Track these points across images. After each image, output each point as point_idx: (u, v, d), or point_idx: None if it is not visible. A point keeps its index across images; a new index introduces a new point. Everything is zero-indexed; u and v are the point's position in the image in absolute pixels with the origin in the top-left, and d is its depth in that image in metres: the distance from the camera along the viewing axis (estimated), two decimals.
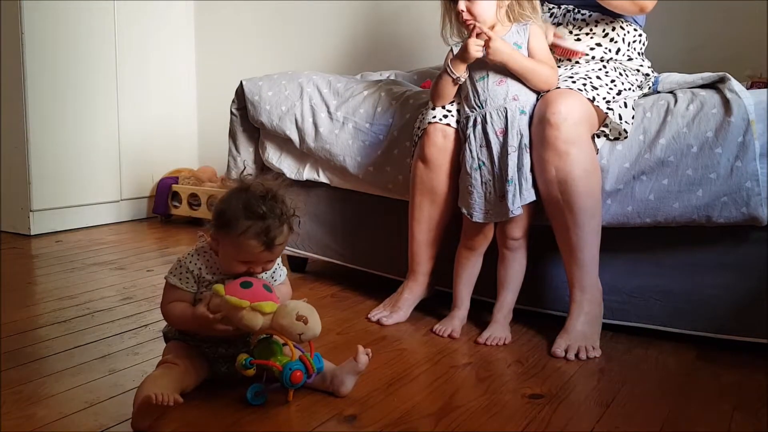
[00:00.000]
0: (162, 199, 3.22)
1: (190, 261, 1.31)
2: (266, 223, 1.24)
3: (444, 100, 1.69)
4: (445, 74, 1.64)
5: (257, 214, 1.24)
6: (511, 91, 1.61)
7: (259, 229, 1.23)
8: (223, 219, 1.26)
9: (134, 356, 1.50)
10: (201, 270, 1.31)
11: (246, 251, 1.25)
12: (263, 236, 1.24)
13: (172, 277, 1.31)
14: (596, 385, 1.38)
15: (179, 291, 1.30)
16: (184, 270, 1.31)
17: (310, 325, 1.20)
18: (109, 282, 2.14)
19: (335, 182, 2.11)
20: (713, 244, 1.58)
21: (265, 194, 1.26)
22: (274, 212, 1.25)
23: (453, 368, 1.47)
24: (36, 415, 1.20)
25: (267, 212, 1.24)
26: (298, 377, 1.22)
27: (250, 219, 1.23)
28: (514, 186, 1.57)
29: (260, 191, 1.27)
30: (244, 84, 2.19)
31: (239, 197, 1.26)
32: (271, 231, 1.24)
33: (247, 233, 1.23)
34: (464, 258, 1.73)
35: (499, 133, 1.60)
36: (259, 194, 1.26)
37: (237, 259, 1.27)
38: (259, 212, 1.24)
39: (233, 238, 1.25)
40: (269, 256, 1.28)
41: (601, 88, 1.61)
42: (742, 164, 1.48)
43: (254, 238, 1.24)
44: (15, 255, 2.52)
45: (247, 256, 1.26)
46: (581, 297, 1.59)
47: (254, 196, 1.26)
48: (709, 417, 1.24)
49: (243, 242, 1.24)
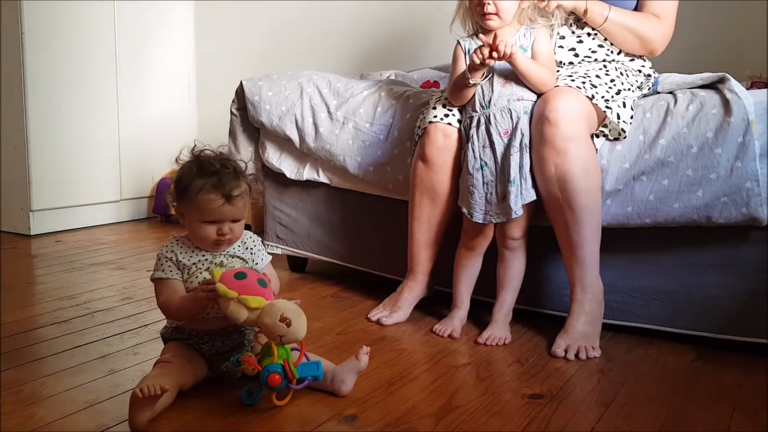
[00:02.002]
0: (162, 199, 3.22)
1: (165, 250, 1.34)
2: (220, 176, 1.29)
3: (462, 102, 1.67)
4: (464, 80, 1.62)
5: (210, 171, 1.29)
6: (516, 92, 1.61)
7: (215, 182, 1.28)
8: (181, 186, 1.31)
9: (134, 356, 1.50)
10: (176, 254, 1.33)
11: (207, 208, 1.28)
12: (220, 188, 1.28)
13: (156, 272, 1.33)
14: (596, 385, 1.38)
15: (167, 281, 1.32)
16: (163, 260, 1.33)
17: (292, 329, 1.19)
18: (109, 282, 2.14)
19: (335, 182, 2.11)
20: (713, 244, 1.58)
21: (217, 155, 1.34)
22: (226, 168, 1.31)
23: (453, 368, 1.47)
24: (36, 415, 1.20)
25: (220, 168, 1.30)
26: (275, 380, 1.19)
27: (204, 177, 1.29)
28: (516, 186, 1.57)
29: (212, 154, 1.34)
30: (244, 84, 2.19)
31: (192, 163, 1.33)
32: (227, 183, 1.29)
33: (203, 189, 1.28)
34: (464, 258, 1.73)
35: (503, 134, 1.59)
36: (211, 156, 1.33)
37: (202, 220, 1.30)
38: (212, 169, 1.30)
39: (192, 199, 1.29)
40: (231, 210, 1.30)
41: (600, 87, 1.61)
42: (742, 164, 1.48)
43: (211, 191, 1.28)
44: (15, 255, 2.52)
45: (209, 214, 1.29)
46: (582, 296, 1.58)
47: (206, 158, 1.33)
48: (709, 417, 1.24)
49: (202, 199, 1.28)
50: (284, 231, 2.25)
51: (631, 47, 1.73)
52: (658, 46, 1.73)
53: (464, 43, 1.69)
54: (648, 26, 1.70)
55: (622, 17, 1.69)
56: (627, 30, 1.70)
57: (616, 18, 1.68)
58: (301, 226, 2.22)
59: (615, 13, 1.68)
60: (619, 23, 1.69)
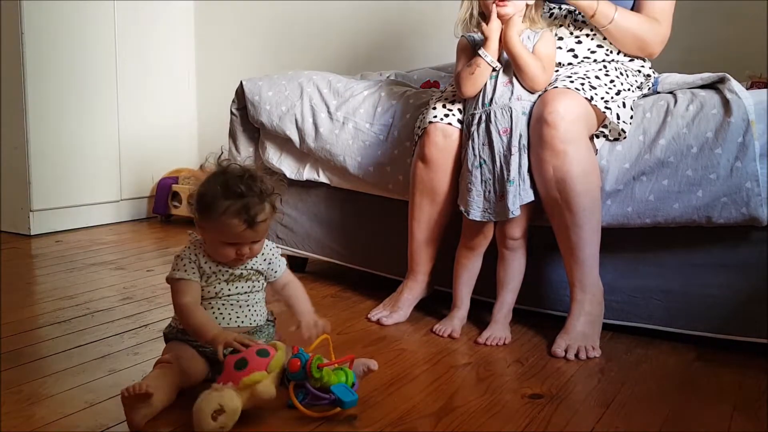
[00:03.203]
0: (162, 199, 3.22)
1: (189, 252, 1.32)
2: (246, 200, 1.25)
3: (474, 90, 1.64)
4: (484, 63, 1.61)
5: (236, 192, 1.25)
6: (516, 91, 1.61)
7: (240, 207, 1.24)
8: (203, 202, 1.27)
9: (134, 356, 1.50)
10: (199, 258, 1.31)
11: (229, 231, 1.26)
12: (244, 214, 1.24)
13: (176, 272, 1.31)
14: (596, 385, 1.38)
15: (188, 282, 1.30)
16: (186, 261, 1.31)
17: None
18: (109, 282, 2.14)
19: (335, 182, 2.11)
20: (713, 244, 1.58)
21: (243, 174, 1.28)
22: (252, 190, 1.26)
23: (453, 368, 1.47)
24: (36, 415, 1.20)
25: (245, 191, 1.25)
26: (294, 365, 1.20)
27: (229, 198, 1.24)
28: (515, 187, 1.57)
29: (238, 171, 1.28)
30: (244, 84, 2.19)
31: (217, 179, 1.27)
32: (251, 208, 1.25)
33: (227, 212, 1.24)
34: (464, 258, 1.73)
35: (502, 132, 1.60)
36: (237, 174, 1.27)
37: (222, 240, 1.28)
38: (238, 191, 1.25)
39: (215, 219, 1.26)
40: (253, 235, 1.28)
41: (600, 87, 1.61)
42: (742, 165, 1.48)
43: (235, 216, 1.24)
44: (15, 255, 2.52)
45: (230, 237, 1.27)
46: (582, 296, 1.58)
47: (232, 177, 1.27)
48: (709, 417, 1.24)
49: (224, 222, 1.25)
50: (284, 231, 2.25)
51: (629, 49, 1.73)
52: (657, 49, 1.74)
53: (469, 36, 1.70)
54: (650, 30, 1.70)
55: (626, 20, 1.68)
56: (629, 33, 1.69)
57: (621, 21, 1.67)
58: (301, 226, 2.22)
59: (620, 16, 1.67)
60: (622, 26, 1.68)
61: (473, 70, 1.62)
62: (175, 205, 3.20)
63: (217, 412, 1.11)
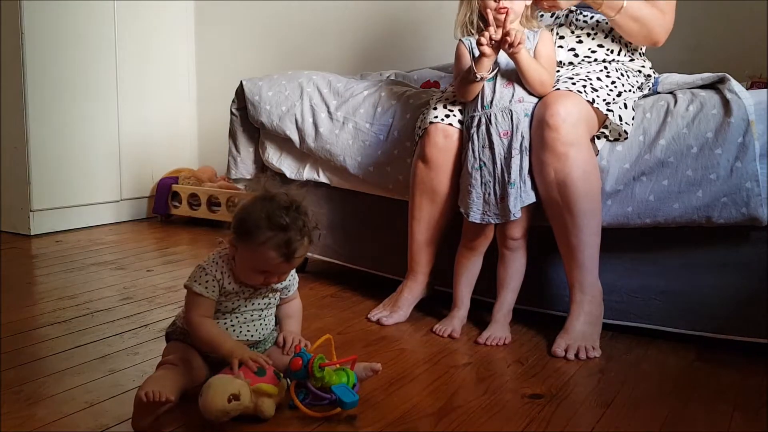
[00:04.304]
0: (162, 199, 3.22)
1: (215, 268, 1.28)
2: (288, 235, 1.21)
3: (469, 97, 1.64)
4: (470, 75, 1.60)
5: (280, 225, 1.21)
6: (517, 93, 1.60)
7: (281, 240, 1.21)
8: (244, 227, 1.23)
9: (134, 356, 1.50)
10: (224, 278, 1.28)
11: (264, 262, 1.23)
12: (284, 248, 1.21)
13: (197, 285, 1.27)
14: (596, 385, 1.38)
15: (204, 299, 1.27)
16: (210, 279, 1.27)
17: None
18: (109, 282, 2.14)
19: (335, 182, 2.11)
20: (713, 244, 1.58)
21: (290, 205, 1.23)
22: (296, 224, 1.22)
23: (453, 368, 1.47)
24: (36, 415, 1.20)
25: (290, 224, 1.21)
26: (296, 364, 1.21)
27: (272, 230, 1.21)
28: (516, 189, 1.57)
29: (284, 202, 1.23)
30: (244, 84, 2.19)
31: (263, 206, 1.23)
32: (292, 243, 1.21)
33: (267, 244, 1.21)
34: (464, 258, 1.73)
35: (503, 135, 1.59)
36: (283, 205, 1.23)
37: (254, 268, 1.25)
38: (282, 223, 1.21)
39: (253, 247, 1.22)
40: (287, 267, 1.27)
41: (602, 89, 1.61)
42: (742, 165, 1.48)
43: (274, 249, 1.21)
44: (15, 255, 2.52)
45: (264, 266, 1.24)
46: (581, 298, 1.58)
47: (278, 207, 1.22)
48: (709, 417, 1.24)
49: (262, 252, 1.22)
50: None
51: (636, 38, 1.71)
52: (663, 38, 1.72)
53: (466, 41, 1.69)
54: (656, 18, 1.68)
55: (635, 9, 1.66)
56: (637, 22, 1.67)
57: (629, 9, 1.65)
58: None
59: (629, 4, 1.65)
60: (630, 15, 1.66)
61: (466, 83, 1.62)
62: (175, 205, 3.20)
63: (234, 397, 1.12)
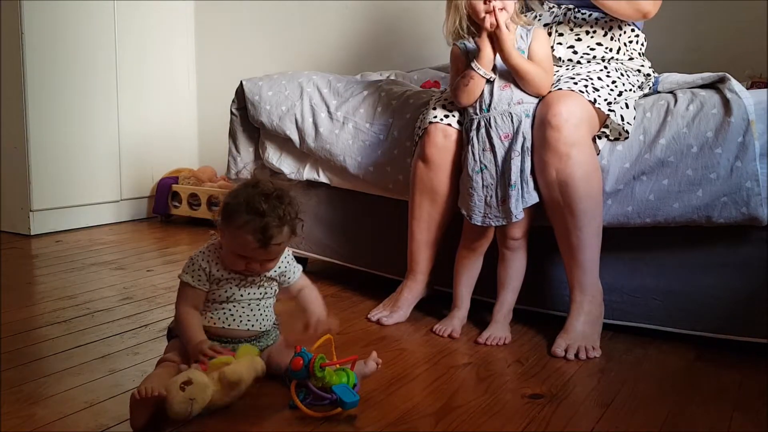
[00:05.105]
0: (162, 199, 3.22)
1: (202, 258, 1.33)
2: (264, 220, 1.25)
3: (470, 100, 1.64)
4: (477, 76, 1.60)
5: (257, 210, 1.25)
6: (516, 95, 1.60)
7: (257, 225, 1.24)
8: (227, 211, 1.28)
9: (134, 356, 1.50)
10: (211, 266, 1.32)
11: (242, 246, 1.27)
12: (259, 233, 1.25)
13: (185, 275, 1.32)
14: (596, 385, 1.38)
15: (193, 289, 1.31)
16: (196, 267, 1.32)
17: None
18: (109, 282, 2.14)
19: (335, 182, 2.11)
20: (713, 244, 1.58)
21: (271, 192, 1.27)
22: (275, 212, 1.26)
23: (453, 368, 1.47)
24: (36, 415, 1.20)
25: (267, 210, 1.25)
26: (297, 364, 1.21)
27: (249, 214, 1.25)
28: (517, 190, 1.57)
29: (267, 189, 1.28)
30: (244, 84, 2.19)
31: (245, 191, 1.28)
32: (268, 229, 1.25)
33: (244, 228, 1.25)
34: (465, 258, 1.73)
35: (503, 138, 1.59)
36: (265, 191, 1.27)
37: (234, 252, 1.29)
38: (260, 209, 1.25)
39: (232, 230, 1.27)
40: (265, 254, 1.28)
41: (603, 89, 1.60)
42: (742, 164, 1.48)
43: (251, 233, 1.25)
44: (15, 255, 2.52)
45: (243, 251, 1.28)
46: (581, 298, 1.58)
47: (260, 193, 1.27)
48: (709, 417, 1.24)
49: (240, 236, 1.26)
50: None
51: (626, 14, 1.68)
52: (651, 8, 1.66)
53: (461, 44, 1.68)
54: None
55: None
56: None
57: None
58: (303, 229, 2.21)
59: None
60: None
61: (467, 82, 1.62)
62: (175, 205, 3.20)
63: (186, 383, 1.13)
